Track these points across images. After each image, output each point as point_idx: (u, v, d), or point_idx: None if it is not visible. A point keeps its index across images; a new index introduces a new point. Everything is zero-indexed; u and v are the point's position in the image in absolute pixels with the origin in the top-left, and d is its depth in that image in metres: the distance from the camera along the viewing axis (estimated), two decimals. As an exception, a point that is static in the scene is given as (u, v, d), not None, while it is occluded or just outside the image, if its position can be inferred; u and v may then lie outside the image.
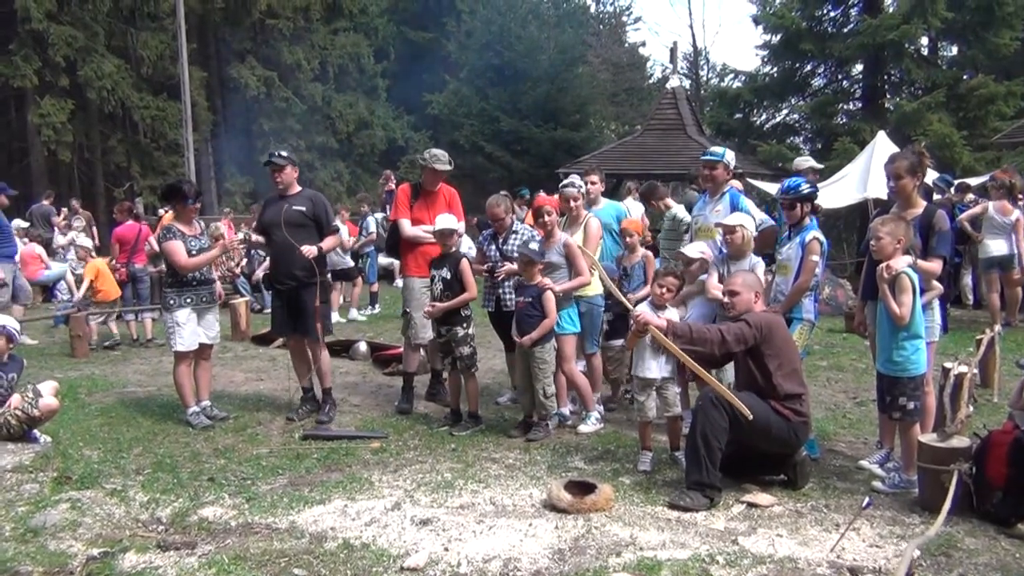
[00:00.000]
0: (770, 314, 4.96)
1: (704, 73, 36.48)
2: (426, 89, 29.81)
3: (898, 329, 4.69)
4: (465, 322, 6.20)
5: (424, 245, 6.62)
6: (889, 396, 4.81)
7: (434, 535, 4.17)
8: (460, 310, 6.16)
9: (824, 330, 9.70)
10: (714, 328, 4.80)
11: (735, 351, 4.79)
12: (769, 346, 4.74)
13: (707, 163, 6.21)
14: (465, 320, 6.21)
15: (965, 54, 20.38)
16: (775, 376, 4.72)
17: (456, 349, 6.16)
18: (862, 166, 13.93)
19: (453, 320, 6.15)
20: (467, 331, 6.20)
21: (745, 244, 5.60)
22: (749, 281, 5.00)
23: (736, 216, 5.70)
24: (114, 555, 3.94)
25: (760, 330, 4.72)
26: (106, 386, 7.78)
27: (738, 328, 4.72)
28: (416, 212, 6.67)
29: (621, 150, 19.36)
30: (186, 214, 6.51)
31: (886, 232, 4.71)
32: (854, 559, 3.89)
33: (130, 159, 24.83)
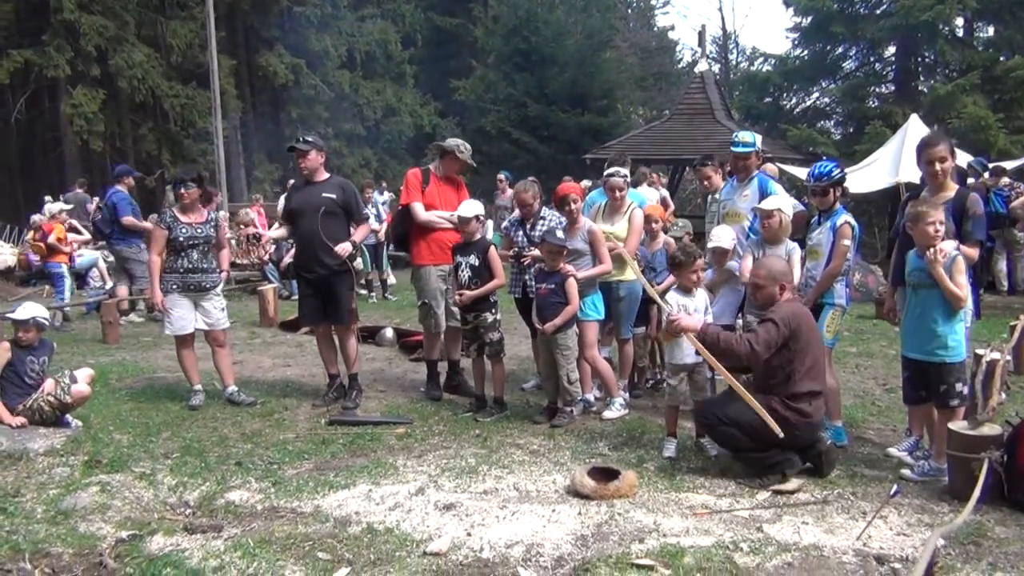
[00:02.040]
0: (796, 305, 4.88)
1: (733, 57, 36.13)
2: (453, 75, 29.80)
3: (952, 313, 4.61)
4: (493, 308, 6.20)
5: (437, 231, 6.57)
6: (943, 384, 4.69)
7: (457, 520, 4.18)
8: (488, 296, 6.16)
9: (854, 316, 9.60)
10: (743, 340, 4.67)
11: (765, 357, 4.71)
12: (796, 341, 4.68)
13: (740, 156, 6.13)
14: (493, 306, 6.20)
15: (1001, 35, 19.94)
16: (796, 374, 4.68)
17: (485, 335, 6.16)
18: (894, 150, 13.70)
19: (482, 306, 6.14)
20: (496, 316, 6.19)
21: (783, 229, 5.54)
22: (775, 272, 4.88)
23: (774, 200, 5.64)
24: (142, 538, 3.99)
25: (788, 326, 4.66)
26: (136, 372, 7.88)
27: (766, 334, 4.63)
28: (428, 198, 6.60)
29: (648, 135, 19.24)
30: (180, 200, 6.54)
31: (938, 219, 4.61)
32: (881, 547, 3.84)
33: (160, 147, 25.08)
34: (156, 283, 6.48)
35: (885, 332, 9.03)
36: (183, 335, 6.52)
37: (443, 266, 6.57)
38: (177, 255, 6.45)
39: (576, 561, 3.72)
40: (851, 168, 13.69)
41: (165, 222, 6.50)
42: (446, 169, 6.74)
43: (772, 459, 4.72)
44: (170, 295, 6.44)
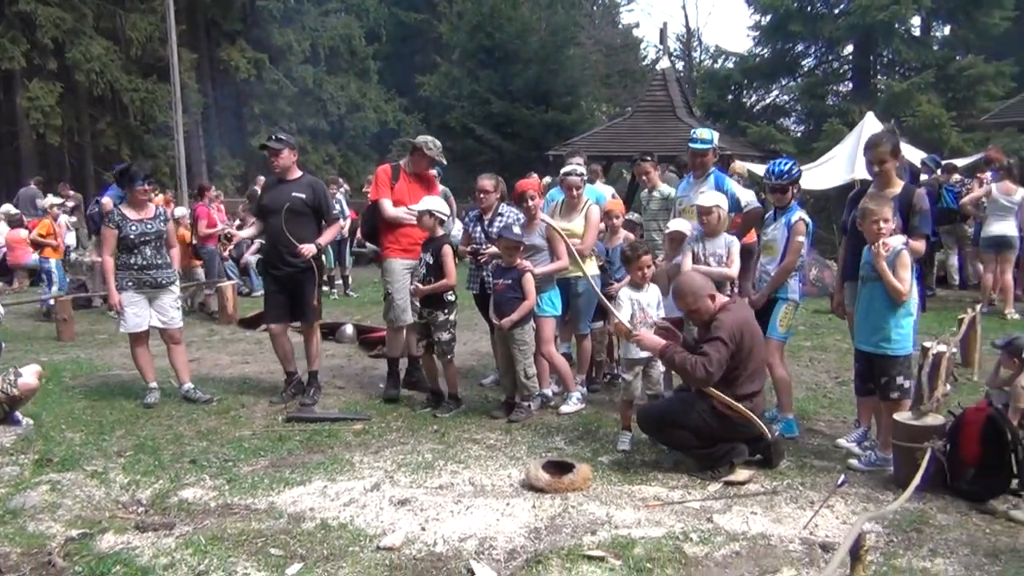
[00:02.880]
0: (735, 312, 4.92)
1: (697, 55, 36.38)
2: (417, 71, 29.72)
3: (896, 307, 4.71)
4: (447, 308, 6.18)
5: (405, 226, 6.58)
6: (885, 376, 4.80)
7: (412, 515, 4.20)
8: (443, 295, 6.15)
9: (810, 311, 9.74)
10: (698, 363, 4.65)
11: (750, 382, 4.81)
12: (741, 351, 4.75)
13: (698, 152, 6.21)
14: (448, 306, 6.18)
15: (956, 34, 20.37)
16: (740, 378, 4.76)
17: (435, 333, 6.16)
18: (850, 147, 13.90)
19: (435, 304, 6.15)
20: (448, 316, 6.18)
21: (720, 224, 5.65)
22: (696, 287, 4.85)
23: (712, 196, 5.74)
24: (92, 536, 3.96)
25: (734, 340, 4.72)
26: (91, 369, 7.79)
27: (716, 353, 4.64)
28: (396, 194, 6.61)
29: (611, 132, 19.36)
30: (134, 196, 6.46)
31: (882, 216, 4.70)
32: (826, 535, 3.93)
33: (120, 142, 24.72)
34: (111, 284, 6.39)
35: (839, 326, 9.15)
36: (138, 332, 6.45)
37: (410, 261, 6.57)
38: (130, 253, 6.38)
39: (529, 553, 3.76)
40: (809, 165, 13.90)
41: (114, 221, 6.38)
42: (415, 165, 6.73)
43: (720, 451, 4.80)
44: (125, 292, 6.36)
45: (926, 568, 3.59)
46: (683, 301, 4.92)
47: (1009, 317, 9.48)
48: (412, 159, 6.75)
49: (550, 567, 3.59)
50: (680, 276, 5.21)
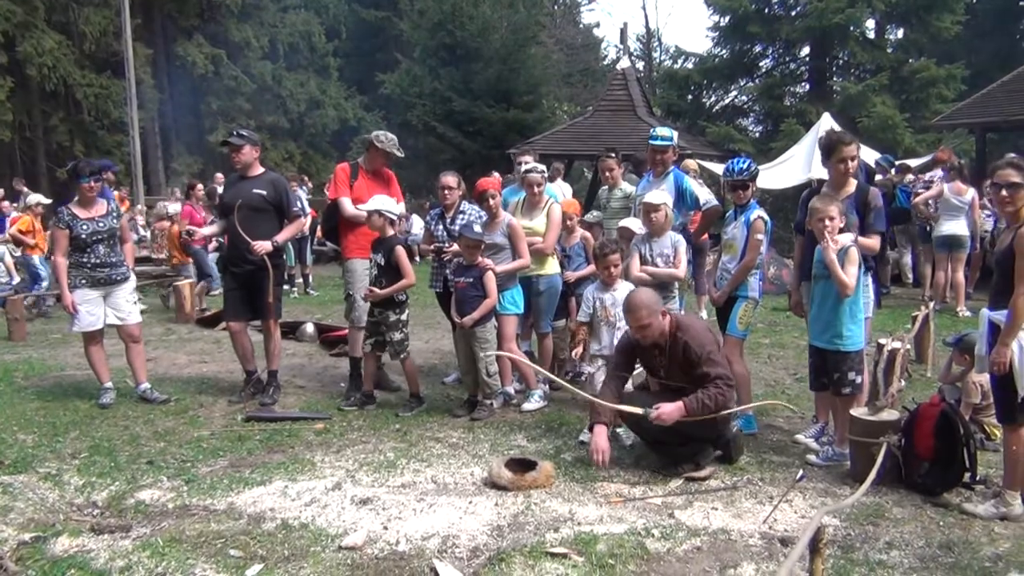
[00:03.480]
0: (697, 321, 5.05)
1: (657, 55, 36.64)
2: (378, 69, 29.51)
3: (845, 303, 4.78)
4: (399, 308, 6.14)
5: (365, 225, 6.53)
6: (837, 372, 4.87)
7: (374, 514, 4.18)
8: (395, 296, 6.11)
9: (768, 308, 9.86)
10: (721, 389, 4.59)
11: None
12: None
13: (658, 148, 6.25)
14: (399, 306, 6.14)
15: (909, 37, 20.75)
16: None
17: (387, 333, 6.12)
18: (808, 147, 14.11)
19: (386, 304, 6.09)
20: (399, 316, 6.13)
21: (667, 223, 5.75)
22: (650, 303, 4.73)
23: (660, 195, 5.82)
24: (46, 539, 3.87)
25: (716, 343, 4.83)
26: (43, 370, 7.62)
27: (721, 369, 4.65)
28: (356, 192, 6.54)
29: (572, 131, 19.42)
30: (82, 193, 6.31)
31: (836, 212, 4.77)
32: (785, 530, 3.98)
33: (73, 138, 24.22)
34: (64, 285, 6.25)
35: (797, 324, 9.29)
36: (92, 331, 6.32)
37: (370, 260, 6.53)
38: (83, 252, 6.24)
39: (492, 551, 3.76)
40: (767, 165, 14.10)
41: (64, 221, 6.23)
42: (371, 162, 6.67)
43: (689, 451, 4.84)
44: (79, 290, 6.23)
45: (882, 560, 3.65)
46: (635, 315, 4.70)
47: (961, 315, 9.68)
48: (368, 156, 6.71)
49: (513, 564, 3.59)
50: (632, 292, 5.05)
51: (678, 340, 4.73)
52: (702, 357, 4.64)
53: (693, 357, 4.66)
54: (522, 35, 26.28)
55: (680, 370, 4.77)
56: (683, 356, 4.71)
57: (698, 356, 4.65)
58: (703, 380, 4.61)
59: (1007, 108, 14.66)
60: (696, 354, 4.65)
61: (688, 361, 4.69)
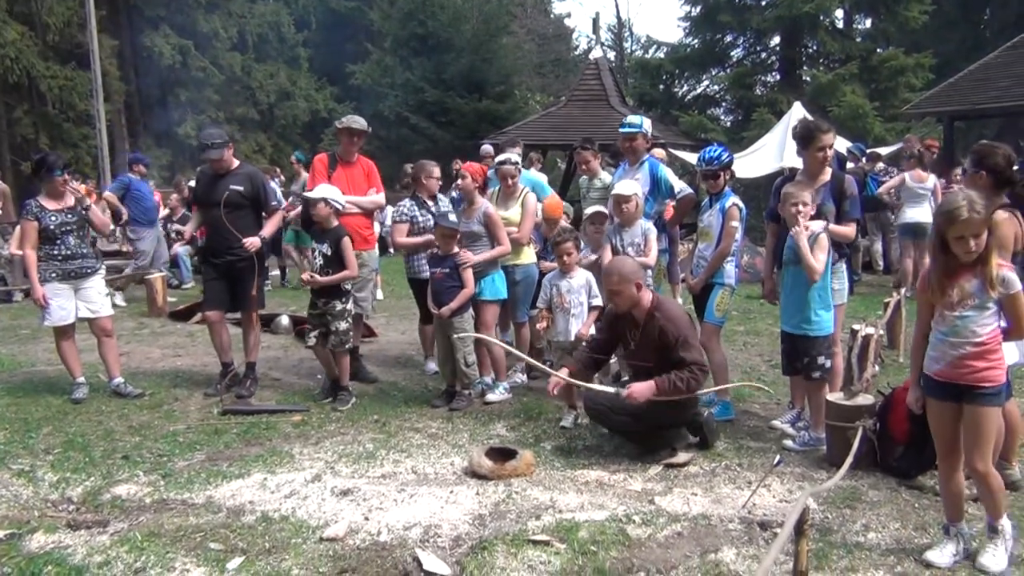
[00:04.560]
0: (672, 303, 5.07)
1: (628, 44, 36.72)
2: (349, 59, 29.29)
3: (814, 289, 4.82)
4: (344, 297, 6.11)
5: (346, 216, 6.47)
6: (807, 357, 4.92)
7: (354, 505, 4.16)
8: (340, 285, 6.07)
9: (742, 296, 9.93)
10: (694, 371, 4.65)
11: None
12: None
13: (627, 136, 6.29)
14: (344, 295, 6.11)
15: (877, 27, 20.97)
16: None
17: (332, 323, 6.07)
18: (779, 136, 14.23)
19: (332, 293, 6.06)
20: (345, 306, 6.10)
21: (638, 212, 5.82)
22: (627, 272, 4.80)
23: (630, 185, 5.87)
24: (21, 536, 3.81)
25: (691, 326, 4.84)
26: (13, 366, 7.50)
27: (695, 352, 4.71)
28: (335, 183, 6.48)
29: (545, 121, 19.38)
30: (54, 186, 6.21)
31: (809, 198, 4.82)
32: (764, 514, 4.02)
33: (38, 131, 23.82)
34: (34, 278, 6.14)
35: (771, 311, 9.36)
36: (63, 326, 6.23)
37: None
38: (52, 243, 6.15)
39: (474, 540, 3.76)
40: (739, 154, 14.16)
41: (32, 213, 6.13)
42: (344, 150, 6.64)
43: (666, 436, 4.88)
44: (50, 283, 6.13)
45: (859, 543, 3.71)
46: (608, 279, 4.88)
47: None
48: (340, 144, 6.67)
49: (496, 553, 3.60)
50: (611, 259, 5.27)
51: (655, 320, 4.78)
52: (678, 341, 4.69)
53: (669, 339, 4.71)
54: (493, 25, 26.24)
55: (651, 349, 4.83)
56: (658, 337, 4.76)
57: (674, 339, 4.69)
58: (678, 365, 4.66)
59: (974, 96, 14.88)
60: (672, 337, 4.70)
61: (663, 343, 4.74)
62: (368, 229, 6.80)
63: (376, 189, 6.74)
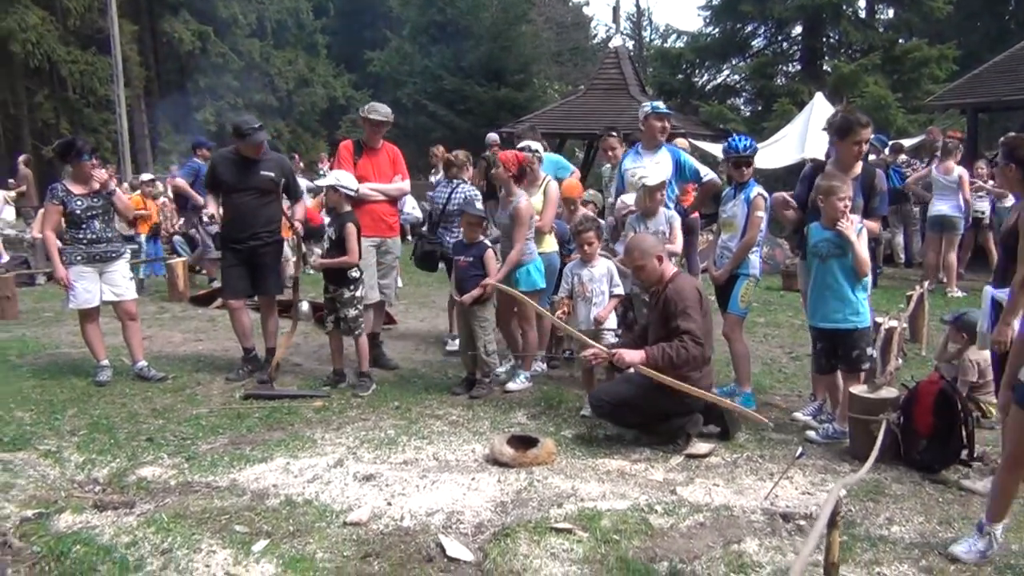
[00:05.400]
0: (687, 278, 5.03)
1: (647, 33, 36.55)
2: (367, 46, 29.33)
3: (858, 281, 4.79)
4: (353, 284, 6.10)
5: (370, 203, 6.48)
6: (856, 350, 4.84)
7: (377, 490, 4.18)
8: (348, 272, 6.06)
9: (762, 288, 9.88)
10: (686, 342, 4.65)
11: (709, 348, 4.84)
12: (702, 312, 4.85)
13: (660, 115, 6.18)
14: (353, 282, 6.11)
15: (901, 17, 20.75)
16: None
17: (341, 310, 6.10)
18: (800, 127, 14.15)
19: (340, 281, 6.08)
20: (354, 293, 6.10)
21: (663, 200, 5.79)
22: (646, 247, 4.90)
23: (661, 173, 5.83)
24: (49, 516, 3.86)
25: (700, 304, 4.80)
26: (38, 348, 7.57)
27: (693, 324, 4.68)
28: (360, 170, 6.50)
29: (564, 110, 19.32)
30: (82, 171, 6.26)
31: (847, 192, 4.76)
32: (787, 506, 4.01)
33: (59, 116, 24.03)
34: (56, 259, 6.20)
35: (791, 303, 9.37)
36: (88, 309, 6.29)
37: (375, 238, 6.52)
38: (78, 228, 6.20)
39: (496, 527, 3.77)
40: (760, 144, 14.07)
41: (58, 197, 6.18)
42: (368, 137, 6.64)
43: (675, 424, 4.87)
44: (75, 266, 6.19)
45: (883, 536, 3.69)
46: (630, 256, 4.97)
47: (950, 295, 9.75)
48: (367, 133, 6.67)
49: (518, 540, 3.60)
50: (634, 235, 5.30)
51: (666, 290, 4.83)
52: (678, 309, 4.71)
53: (671, 308, 4.74)
54: (512, 13, 26.18)
55: (660, 320, 4.85)
56: (663, 306, 4.81)
57: (675, 307, 4.72)
58: (674, 333, 4.69)
59: (998, 88, 14.69)
60: (674, 305, 4.73)
61: (667, 312, 4.77)
62: (393, 216, 6.81)
63: (401, 176, 6.74)
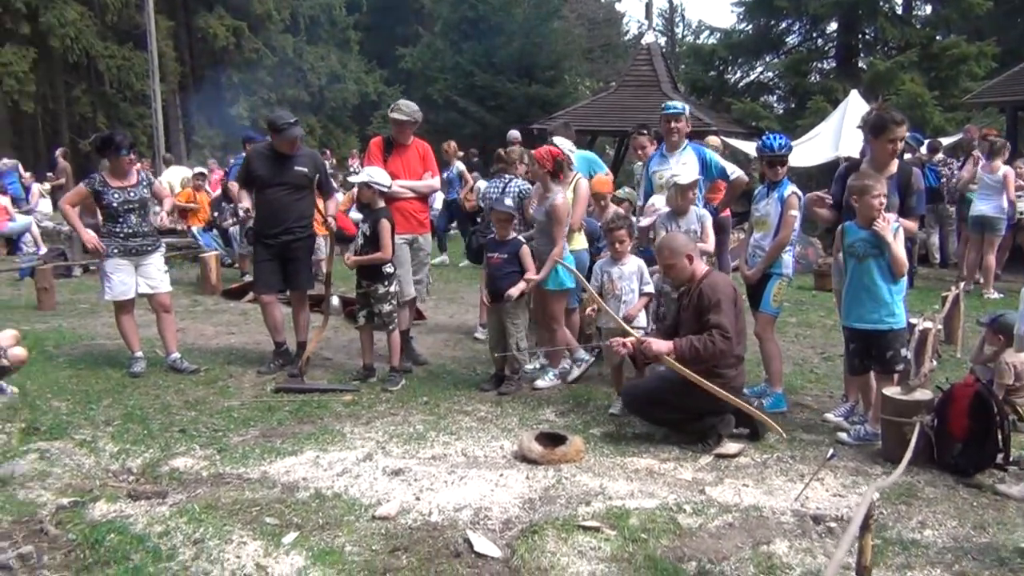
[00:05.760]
0: (719, 275, 5.02)
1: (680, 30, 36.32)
2: (399, 42, 29.43)
3: (895, 282, 4.74)
4: (387, 280, 6.13)
5: (401, 200, 6.48)
6: (890, 351, 4.79)
7: (406, 485, 4.20)
8: (382, 267, 6.09)
9: (794, 287, 9.78)
10: (714, 336, 4.63)
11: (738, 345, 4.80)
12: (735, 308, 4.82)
13: (672, 116, 6.18)
14: (387, 278, 6.14)
15: (939, 13, 20.41)
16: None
17: (375, 305, 6.13)
18: (835, 125, 13.98)
19: (375, 276, 6.10)
20: (388, 288, 6.13)
21: (693, 200, 5.79)
22: (676, 246, 4.90)
23: (692, 172, 5.81)
24: (84, 504, 3.93)
25: (732, 299, 4.78)
26: (74, 339, 7.69)
27: (727, 319, 4.67)
28: (390, 167, 6.51)
29: (595, 106, 19.25)
30: (120, 165, 6.36)
31: (881, 191, 4.71)
32: (817, 508, 3.97)
33: (96, 110, 24.39)
34: (78, 225, 6.40)
35: (823, 303, 9.27)
36: (124, 300, 6.38)
37: (406, 235, 6.52)
38: (115, 221, 6.30)
39: (524, 523, 3.78)
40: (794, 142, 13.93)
41: (93, 187, 6.30)
42: (397, 135, 6.65)
43: (708, 424, 4.84)
44: (111, 259, 6.29)
45: (916, 540, 3.64)
46: (660, 255, 5.01)
47: (987, 297, 9.59)
48: (394, 130, 6.68)
49: (546, 537, 3.60)
50: (665, 234, 5.33)
51: (700, 285, 4.83)
52: (711, 303, 4.71)
53: (705, 303, 4.75)
54: (544, 9, 26.15)
55: (693, 315, 4.84)
56: (696, 301, 4.81)
57: (708, 302, 4.72)
58: (705, 328, 4.68)
59: (1039, 86, 14.42)
60: (708, 299, 4.73)
61: (700, 307, 4.77)
62: (423, 213, 6.81)
63: (431, 173, 6.74)
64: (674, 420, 4.93)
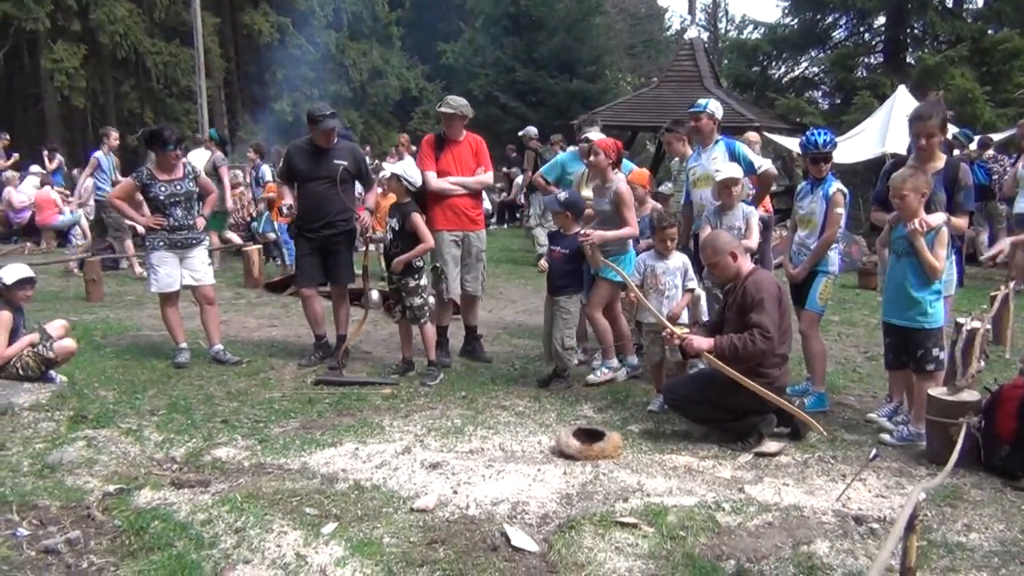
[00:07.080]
0: (763, 272, 4.96)
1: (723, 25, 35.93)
2: (440, 38, 29.51)
3: (931, 282, 4.66)
4: (417, 273, 6.14)
5: (452, 198, 6.47)
6: (921, 349, 4.74)
7: (443, 478, 4.22)
8: (412, 262, 6.09)
9: (837, 286, 9.62)
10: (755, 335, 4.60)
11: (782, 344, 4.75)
12: (780, 305, 4.77)
13: (693, 115, 6.23)
14: (417, 271, 6.14)
15: (991, 7, 19.87)
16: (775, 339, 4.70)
17: (406, 299, 6.14)
18: (882, 121, 13.73)
19: (405, 270, 6.10)
20: (418, 282, 6.14)
21: (739, 196, 5.73)
22: (719, 245, 4.86)
23: (733, 167, 5.75)
24: (130, 491, 4.01)
25: (776, 297, 4.73)
26: (121, 330, 7.85)
27: (768, 318, 4.62)
28: (442, 163, 6.50)
29: (636, 102, 19.10)
30: (166, 159, 6.48)
31: (910, 188, 4.63)
32: (859, 508, 3.92)
33: (143, 105, 24.78)
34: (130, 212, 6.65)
35: (867, 301, 9.13)
36: (169, 292, 6.49)
37: (457, 232, 6.51)
38: (161, 214, 6.42)
39: (561, 519, 3.77)
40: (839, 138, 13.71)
41: (141, 180, 6.43)
42: (448, 130, 6.63)
43: (749, 423, 4.79)
44: (157, 252, 6.40)
45: (961, 543, 3.57)
46: (703, 253, 5.00)
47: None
48: (444, 126, 6.67)
49: (583, 533, 3.60)
50: (709, 232, 5.29)
51: (745, 283, 4.79)
52: (754, 301, 4.67)
53: (748, 301, 4.71)
54: (586, 4, 26.03)
55: (737, 313, 4.80)
56: (740, 298, 4.77)
57: (751, 300, 4.69)
58: (747, 326, 4.65)
59: (1095, 82, 14.02)
60: (751, 297, 4.69)
61: (744, 304, 4.74)
62: (475, 209, 6.69)
63: (484, 168, 6.67)
64: (715, 419, 4.89)
